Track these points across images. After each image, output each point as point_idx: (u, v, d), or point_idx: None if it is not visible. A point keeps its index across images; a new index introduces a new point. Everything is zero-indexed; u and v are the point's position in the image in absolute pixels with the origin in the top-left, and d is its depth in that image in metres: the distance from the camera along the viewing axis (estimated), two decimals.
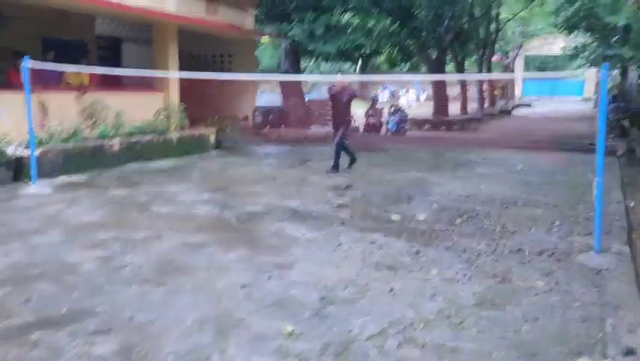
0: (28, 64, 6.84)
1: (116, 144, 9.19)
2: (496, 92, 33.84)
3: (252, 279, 3.96)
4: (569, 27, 18.36)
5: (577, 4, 15.61)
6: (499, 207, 6.54)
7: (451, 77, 27.62)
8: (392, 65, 18.06)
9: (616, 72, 20.84)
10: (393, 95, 42.66)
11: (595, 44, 19.37)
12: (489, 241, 5.07)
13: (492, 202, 6.78)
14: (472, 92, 26.60)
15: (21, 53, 9.08)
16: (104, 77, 12.03)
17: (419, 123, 19.74)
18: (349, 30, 14.33)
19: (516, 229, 5.48)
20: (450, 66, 28.59)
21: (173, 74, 11.39)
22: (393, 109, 16.76)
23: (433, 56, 20.16)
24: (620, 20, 13.14)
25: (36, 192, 6.85)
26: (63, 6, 9.99)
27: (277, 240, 5.01)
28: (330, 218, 5.90)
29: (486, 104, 29.82)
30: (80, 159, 8.45)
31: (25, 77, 6.83)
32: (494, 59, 35.02)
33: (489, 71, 30.07)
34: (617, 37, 15.55)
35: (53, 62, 9.54)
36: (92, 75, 9.86)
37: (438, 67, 20.26)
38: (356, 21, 14.98)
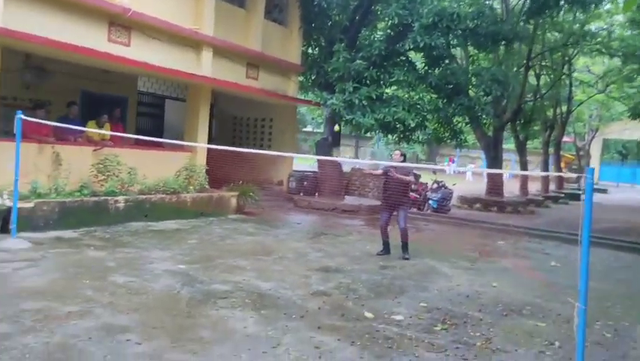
0: (20, 117, 6.84)
1: (121, 201, 9.05)
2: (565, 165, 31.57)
3: None
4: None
5: None
6: (497, 314, 5.60)
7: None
8: (438, 141, 17.32)
9: None
10: (458, 171, 41.62)
11: None
12: (458, 360, 4.21)
13: (493, 307, 5.85)
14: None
15: (40, 105, 9.40)
16: (139, 131, 12.33)
17: (469, 201, 18.69)
18: (393, 103, 13.94)
19: (499, 347, 4.56)
20: (511, 143, 27.53)
21: (201, 143, 11.40)
22: (435, 185, 15.94)
23: (490, 133, 19.31)
24: None
25: (11, 246, 6.67)
26: (105, 66, 10.33)
27: (210, 332, 4.41)
28: (294, 308, 5.24)
29: (552, 186, 28.09)
30: (78, 215, 8.33)
31: (17, 128, 6.83)
32: (566, 140, 33.35)
33: (557, 153, 28.57)
34: None
35: (77, 116, 9.82)
36: (114, 131, 9.92)
37: (494, 145, 19.31)
38: (399, 94, 14.61)
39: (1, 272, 5.60)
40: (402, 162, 8.52)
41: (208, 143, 12.40)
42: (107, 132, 9.71)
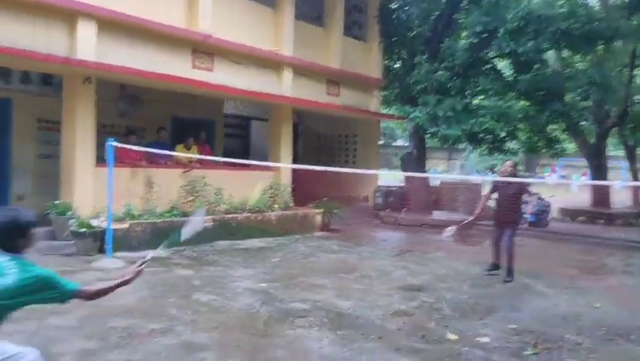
0: (111, 143, 7.28)
1: (208, 220, 9.34)
2: None
3: None
4: None
5: None
6: (599, 338, 5.06)
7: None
8: (532, 151, 16.33)
9: None
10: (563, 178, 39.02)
11: None
12: None
13: (594, 330, 5.30)
14: None
15: (132, 131, 9.99)
16: (226, 153, 12.80)
17: (571, 214, 17.40)
18: (480, 113, 13.38)
19: None
20: (620, 150, 25.23)
21: (284, 161, 11.64)
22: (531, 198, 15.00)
23: (592, 141, 17.97)
24: None
25: (106, 265, 7.07)
26: (191, 91, 10.85)
27: (285, 352, 4.34)
28: (373, 328, 5.06)
29: None
30: (169, 234, 8.66)
31: (108, 154, 7.27)
32: None
33: None
34: None
35: (167, 140, 10.34)
36: (201, 153, 10.33)
37: (597, 153, 17.93)
38: (487, 104, 14.01)
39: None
40: (511, 174, 7.63)
41: (293, 160, 12.56)
42: (193, 156, 10.11)
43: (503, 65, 15.98)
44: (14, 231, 2.68)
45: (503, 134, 14.24)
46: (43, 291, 2.66)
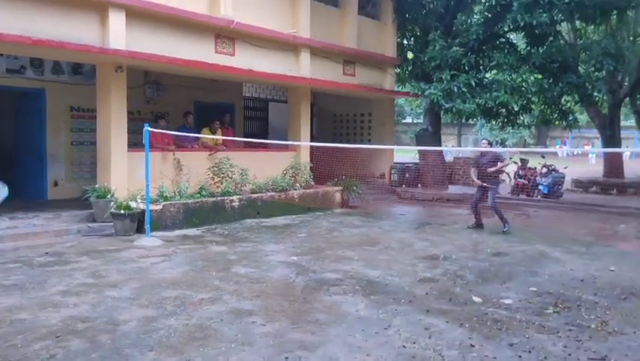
0: (147, 129, 7.68)
1: (236, 200, 9.77)
2: None
3: (268, 358, 3.79)
4: None
5: None
6: (615, 298, 5.43)
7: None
8: (546, 123, 16.48)
9: None
10: (572, 153, 39.10)
11: None
12: (571, 341, 4.20)
13: (610, 290, 5.67)
14: None
15: (161, 116, 10.38)
16: (246, 135, 13.19)
17: (585, 185, 17.67)
18: (494, 87, 13.58)
19: (617, 329, 4.47)
20: (631, 121, 25.19)
21: (304, 141, 11.97)
22: (545, 169, 15.27)
23: (604, 111, 18.10)
24: None
25: (146, 244, 7.53)
26: (213, 76, 11.18)
27: (326, 315, 4.76)
28: (402, 294, 5.46)
29: None
30: (200, 214, 9.15)
31: (145, 139, 7.67)
32: None
33: None
34: None
35: (192, 124, 10.71)
36: (225, 135, 10.70)
37: (610, 124, 18.07)
38: (501, 78, 14.17)
39: (142, 266, 6.38)
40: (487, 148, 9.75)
41: (310, 141, 12.91)
42: (219, 137, 10.50)
43: (517, 39, 16.07)
44: None
45: (517, 107, 14.41)
46: None
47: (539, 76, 14.85)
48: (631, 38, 17.66)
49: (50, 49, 7.72)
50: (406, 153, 24.44)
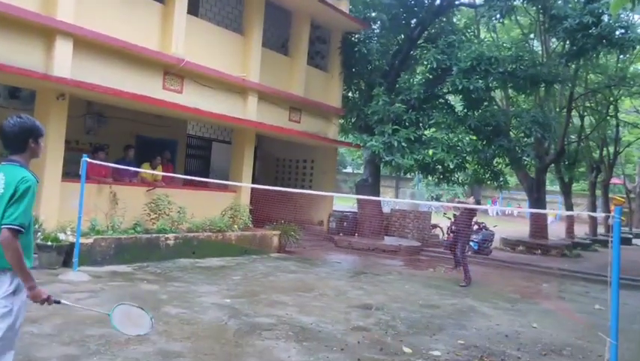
0: (85, 160, 7.47)
1: (171, 238, 9.55)
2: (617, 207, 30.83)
3: None
4: None
5: None
6: (536, 353, 5.67)
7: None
8: (479, 182, 17.32)
9: None
10: (501, 212, 40.96)
11: None
12: None
13: (532, 346, 5.92)
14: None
15: (100, 148, 10.13)
16: (187, 172, 13.02)
17: (512, 244, 18.49)
18: (432, 144, 14.21)
19: None
20: (555, 185, 26.88)
21: (245, 183, 11.95)
22: (476, 226, 15.89)
23: (532, 175, 19.24)
24: None
25: (73, 279, 7.19)
26: (159, 112, 11.08)
27: (257, 360, 4.68)
28: (335, 341, 5.47)
29: (602, 230, 27.16)
30: (132, 250, 8.86)
31: (82, 170, 7.45)
32: (616, 182, 32.37)
33: (605, 196, 27.75)
34: None
35: (132, 159, 10.51)
36: (165, 172, 10.54)
37: (537, 187, 19.19)
38: (439, 136, 14.85)
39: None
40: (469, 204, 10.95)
41: (252, 184, 12.91)
42: (159, 173, 10.33)
43: (455, 101, 16.98)
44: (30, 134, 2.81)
45: (453, 165, 15.07)
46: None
47: (474, 137, 15.66)
48: (557, 110, 19.11)
49: None
50: (345, 202, 24.76)
